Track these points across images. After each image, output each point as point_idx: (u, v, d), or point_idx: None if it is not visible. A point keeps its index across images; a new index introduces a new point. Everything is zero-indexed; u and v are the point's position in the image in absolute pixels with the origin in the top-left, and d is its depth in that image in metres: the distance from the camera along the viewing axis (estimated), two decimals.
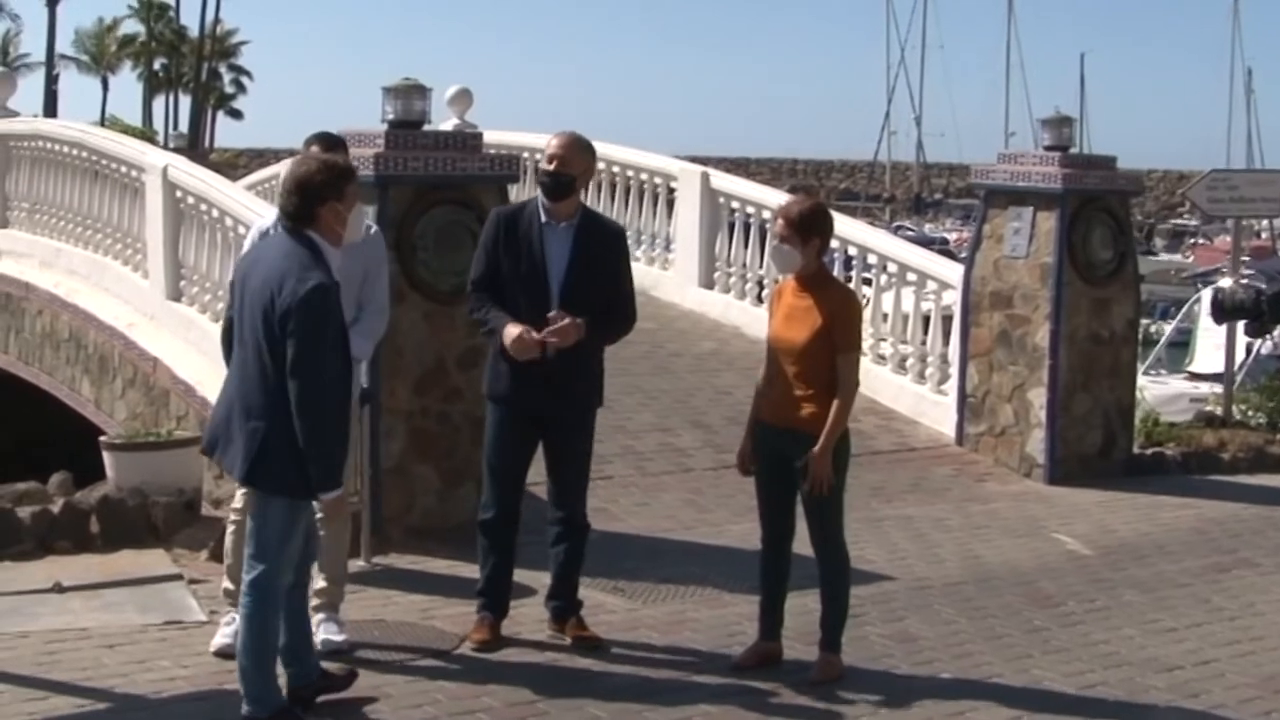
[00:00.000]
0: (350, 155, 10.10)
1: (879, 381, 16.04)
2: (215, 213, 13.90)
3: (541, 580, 9.79)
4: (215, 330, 11.27)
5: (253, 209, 13.06)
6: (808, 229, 8.66)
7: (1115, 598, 10.77)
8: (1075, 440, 14.75)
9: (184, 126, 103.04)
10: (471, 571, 9.61)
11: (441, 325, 11.28)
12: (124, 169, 15.89)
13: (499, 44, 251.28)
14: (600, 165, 20.46)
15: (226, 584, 9.09)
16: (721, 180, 19.48)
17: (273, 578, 7.66)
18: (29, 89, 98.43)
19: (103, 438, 12.34)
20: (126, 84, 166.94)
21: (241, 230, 12.72)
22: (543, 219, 9.01)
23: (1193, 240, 71.70)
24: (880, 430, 15.31)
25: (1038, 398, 14.66)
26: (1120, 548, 12.20)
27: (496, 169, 11.69)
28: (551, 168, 8.96)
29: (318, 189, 7.64)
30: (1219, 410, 17.38)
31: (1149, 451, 15.52)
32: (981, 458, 15.04)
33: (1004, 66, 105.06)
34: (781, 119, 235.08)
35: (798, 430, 8.58)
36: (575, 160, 9.05)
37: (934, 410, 15.75)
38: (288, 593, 7.81)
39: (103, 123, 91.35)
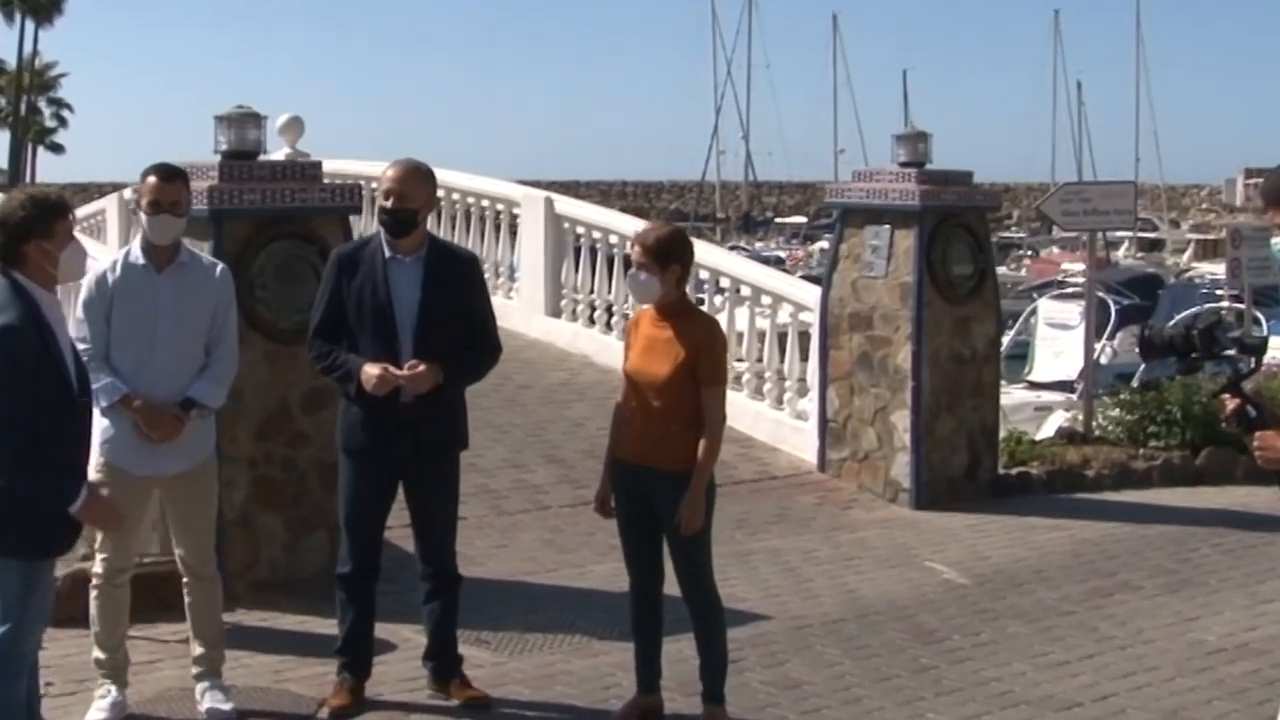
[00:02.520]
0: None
1: (736, 407, 15.45)
2: None
3: (403, 634, 9.30)
4: None
5: None
6: (666, 256, 8.10)
7: (1000, 630, 10.37)
8: (940, 463, 14.38)
9: (3, 161, 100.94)
10: (325, 627, 9.05)
11: (284, 366, 10.64)
12: None
13: (323, 72, 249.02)
14: (439, 193, 20.01)
15: (97, 653, 8.53)
16: (566, 205, 19.00)
17: (16, 641, 7.04)
18: None
19: None
20: None
21: None
22: (387, 254, 8.40)
23: (1020, 253, 72.19)
24: (740, 458, 14.86)
25: (901, 420, 14.28)
26: (997, 575, 11.81)
27: (338, 200, 11.09)
28: (389, 204, 8.35)
29: (21, 226, 7.02)
30: (1079, 426, 17.10)
31: (1014, 471, 15.20)
32: (845, 484, 14.63)
33: (830, 84, 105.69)
34: (610, 141, 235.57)
35: (660, 469, 8.07)
36: (415, 193, 8.44)
37: (794, 436, 15.34)
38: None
39: None
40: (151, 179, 8.31)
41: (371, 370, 8.17)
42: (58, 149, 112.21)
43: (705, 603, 8.22)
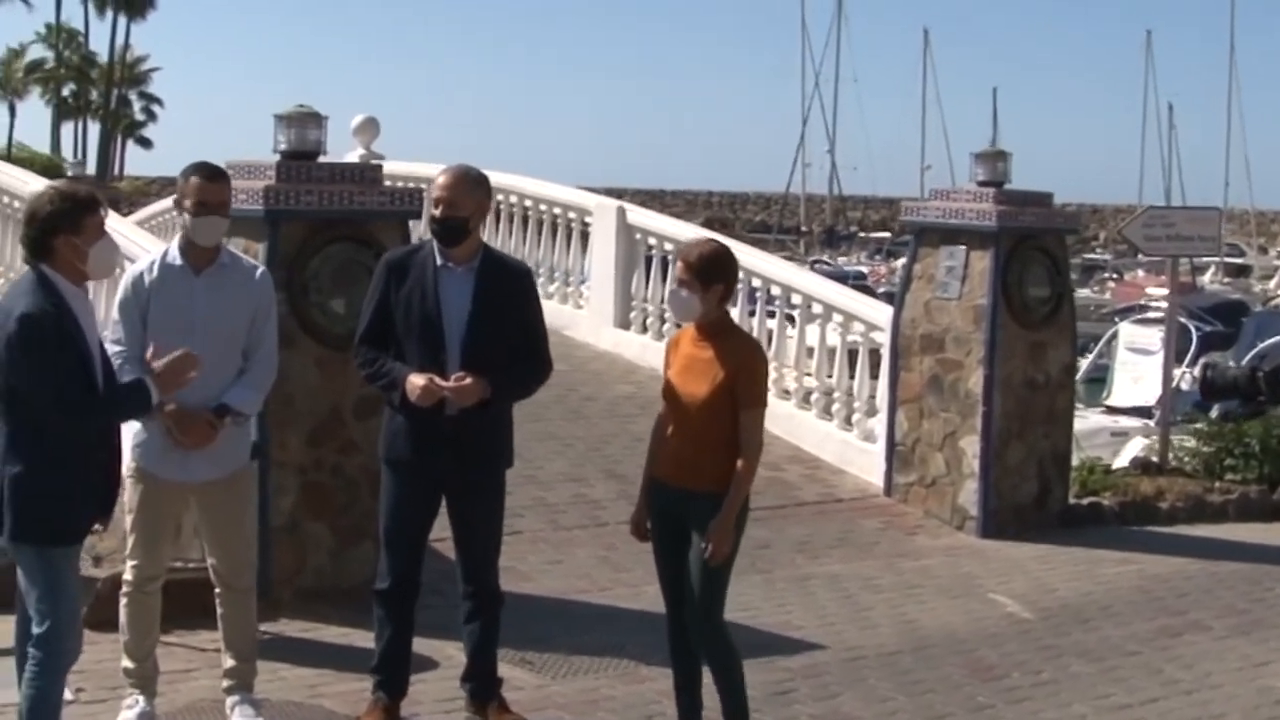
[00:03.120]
0: (236, 188, 9.31)
1: (803, 427, 15.33)
2: None
3: (447, 651, 9.05)
4: None
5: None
6: (709, 275, 7.81)
7: (1061, 668, 10.03)
8: (1009, 491, 14.04)
9: (94, 153, 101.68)
10: (368, 640, 8.78)
11: (336, 372, 10.40)
12: (18, 204, 14.97)
13: (407, 72, 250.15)
14: (512, 198, 19.86)
15: (126, 662, 8.32)
16: (638, 215, 18.73)
17: (57, 636, 6.99)
18: None
19: None
20: (35, 110, 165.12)
21: None
22: (438, 262, 8.13)
23: (1105, 275, 71.44)
24: (805, 480, 14.57)
25: (970, 446, 13.95)
26: (1062, 610, 11.46)
27: (397, 203, 10.86)
28: (439, 212, 8.08)
29: (49, 220, 6.96)
30: (1155, 456, 16.71)
31: (1085, 501, 14.84)
32: (911, 509, 14.30)
33: (919, 100, 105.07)
34: (696, 150, 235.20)
35: (695, 490, 7.78)
36: (465, 200, 8.15)
37: (861, 458, 15.02)
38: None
39: (10, 149, 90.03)
40: (195, 179, 8.08)
41: (416, 380, 7.92)
42: (146, 143, 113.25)
43: (712, 638, 7.90)
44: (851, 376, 15.44)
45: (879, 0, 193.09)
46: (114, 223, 13.22)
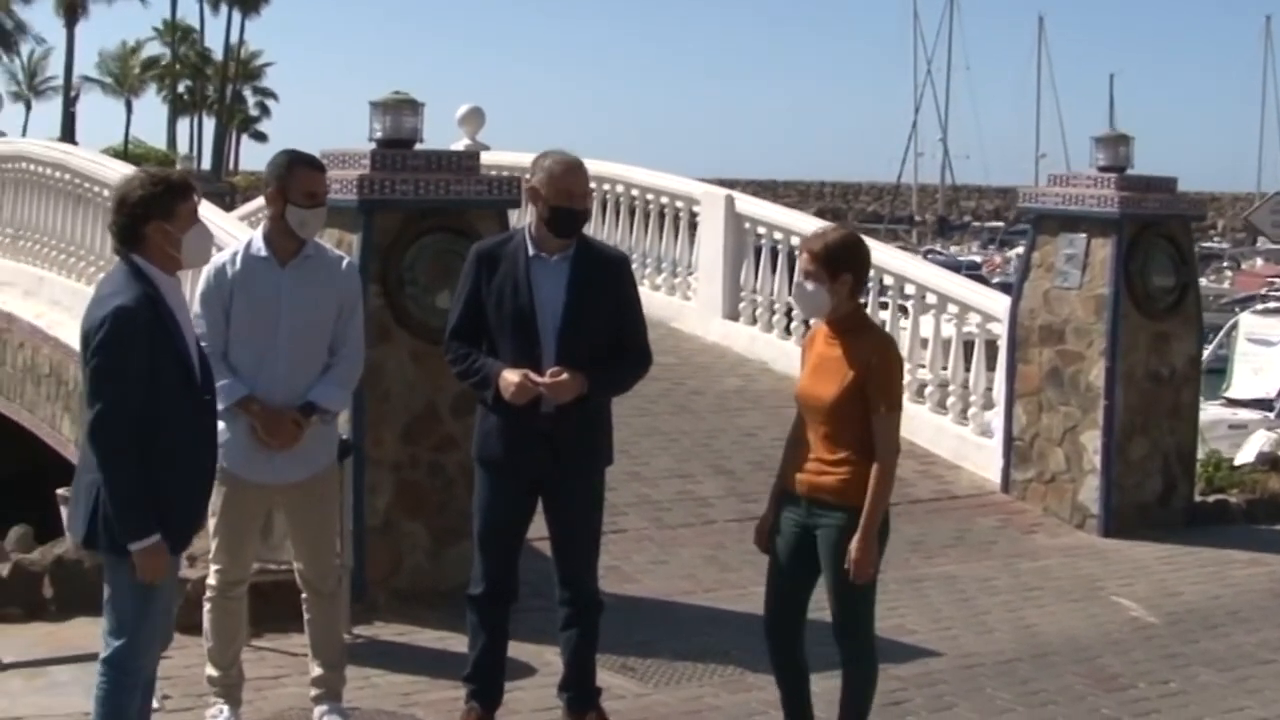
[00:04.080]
0: (330, 178, 9.02)
1: (917, 422, 14.86)
2: None
3: (545, 657, 8.72)
4: None
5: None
6: (836, 264, 7.24)
7: (1190, 678, 9.54)
8: (1132, 488, 13.53)
9: (208, 149, 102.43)
10: (465, 644, 8.42)
11: (433, 366, 10.02)
12: (108, 193, 14.78)
13: (519, 63, 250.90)
14: (619, 188, 19.51)
15: (210, 670, 8.03)
16: (747, 204, 18.28)
17: (133, 656, 6.63)
18: (54, 111, 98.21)
19: (60, 489, 11.18)
20: (151, 106, 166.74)
21: None
22: (530, 252, 7.72)
23: (1223, 264, 70.29)
24: (919, 476, 14.10)
25: (1091, 441, 13.45)
26: (1189, 614, 10.96)
27: (495, 192, 10.52)
28: (571, 205, 7.64)
29: (140, 205, 6.60)
30: None
31: (1211, 499, 14.32)
32: (1030, 506, 13.81)
33: (1032, 87, 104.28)
34: (809, 141, 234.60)
35: (824, 501, 7.26)
36: (588, 192, 7.85)
37: (977, 454, 14.54)
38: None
39: (126, 145, 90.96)
40: (303, 169, 7.77)
41: (511, 377, 7.54)
42: (261, 137, 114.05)
43: (860, 652, 7.43)
44: (967, 369, 14.96)
45: None
46: (206, 212, 13.04)
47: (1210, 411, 23.11)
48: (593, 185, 19.48)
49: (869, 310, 15.82)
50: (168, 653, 8.89)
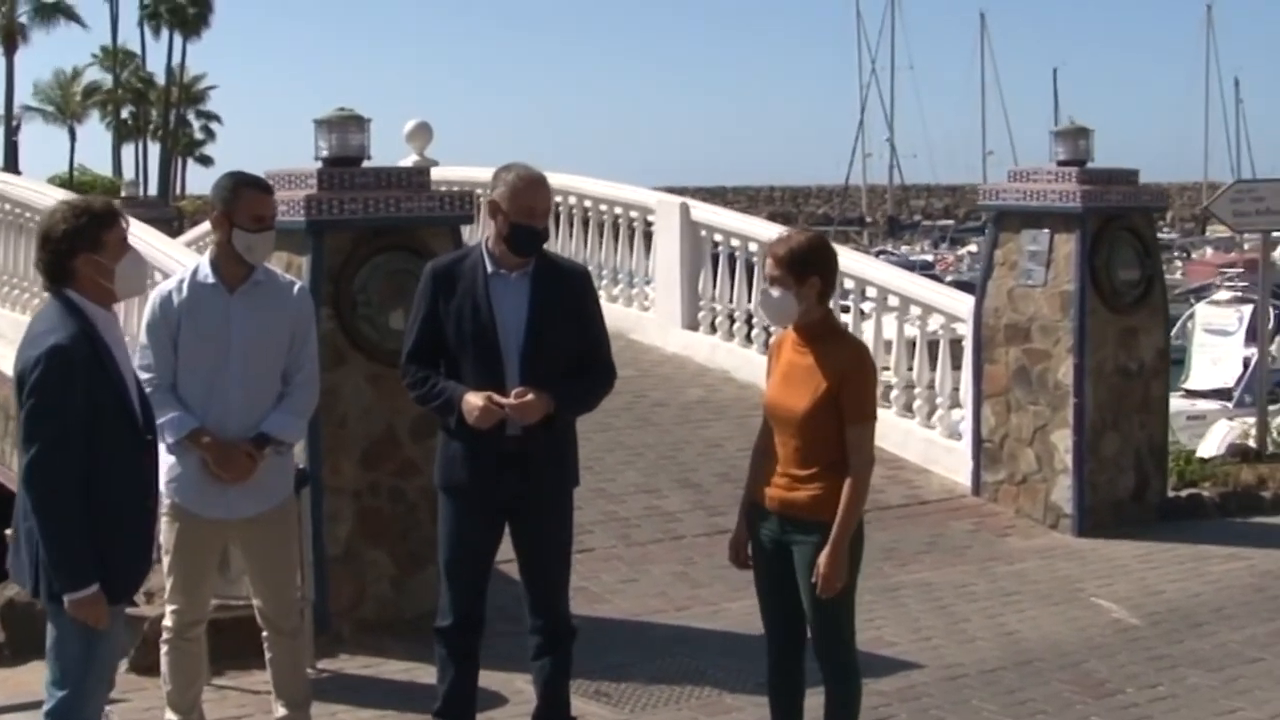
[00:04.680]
0: (279, 199, 8.74)
1: (885, 426, 14.33)
2: None
3: (516, 684, 8.47)
4: None
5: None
6: (803, 267, 6.96)
7: (1179, 681, 9.31)
8: (1105, 485, 13.32)
9: (154, 174, 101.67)
10: (433, 675, 8.13)
11: (390, 389, 9.72)
12: None
13: (463, 77, 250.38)
14: (571, 199, 19.23)
15: (169, 715, 7.73)
16: (703, 211, 18.02)
17: (77, 707, 6.36)
18: None
19: (8, 530, 10.82)
20: (95, 133, 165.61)
21: None
22: (489, 269, 7.42)
23: (1173, 255, 70.37)
24: (888, 481, 13.84)
25: (1062, 440, 13.23)
26: (1171, 613, 10.73)
27: (447, 209, 10.24)
28: (533, 222, 7.34)
29: (65, 240, 6.32)
30: (1252, 441, 15.95)
31: (1184, 493, 14.11)
32: (1002, 509, 13.58)
33: (977, 85, 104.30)
34: (756, 145, 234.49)
35: (797, 519, 6.99)
36: (549, 209, 7.59)
37: (947, 457, 14.30)
38: None
39: (71, 172, 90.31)
40: (251, 192, 7.47)
41: (474, 400, 7.24)
42: (206, 161, 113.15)
43: (843, 666, 7.16)
44: (932, 370, 14.73)
45: None
46: (151, 239, 12.72)
47: (1170, 404, 23.05)
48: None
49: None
50: (125, 695, 8.68)
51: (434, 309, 7.45)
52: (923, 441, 14.53)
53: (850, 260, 15.91)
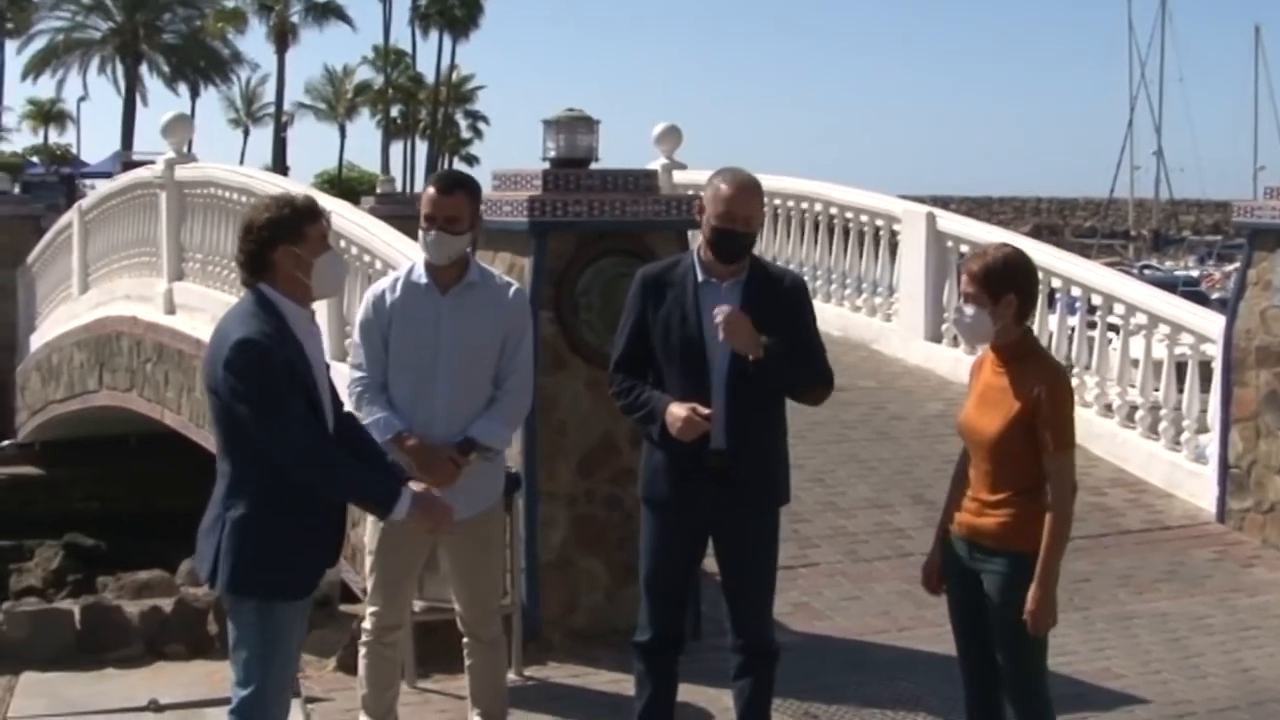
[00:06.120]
0: (501, 199, 8.64)
1: (1127, 447, 14.16)
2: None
3: (722, 700, 8.17)
4: None
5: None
6: (998, 284, 6.62)
7: None
8: None
9: (420, 172, 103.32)
10: None
11: (609, 395, 9.61)
12: None
13: (728, 82, 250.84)
14: (816, 206, 18.98)
15: (363, 718, 7.67)
16: (949, 222, 17.64)
17: (260, 705, 6.28)
18: (270, 137, 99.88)
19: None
20: (365, 130, 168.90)
21: None
22: (699, 277, 7.21)
23: None
24: (1129, 505, 13.39)
25: None
26: None
27: (674, 213, 10.04)
28: (735, 226, 7.11)
29: (267, 229, 6.26)
30: None
31: None
32: (1247, 538, 13.04)
33: (1250, 99, 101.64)
34: (1022, 156, 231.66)
35: (983, 546, 6.71)
36: (757, 213, 7.27)
37: (1191, 481, 13.78)
38: None
39: (340, 169, 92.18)
40: (430, 190, 7.37)
41: (678, 411, 7.04)
42: (473, 160, 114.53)
43: (1035, 712, 6.81)
44: (1180, 391, 14.22)
45: None
46: (391, 238, 12.71)
47: None
48: (790, 204, 19.25)
49: (1077, 330, 15.19)
50: (329, 694, 8.66)
51: (643, 317, 7.27)
52: (1167, 465, 14.03)
53: (1095, 275, 15.50)
